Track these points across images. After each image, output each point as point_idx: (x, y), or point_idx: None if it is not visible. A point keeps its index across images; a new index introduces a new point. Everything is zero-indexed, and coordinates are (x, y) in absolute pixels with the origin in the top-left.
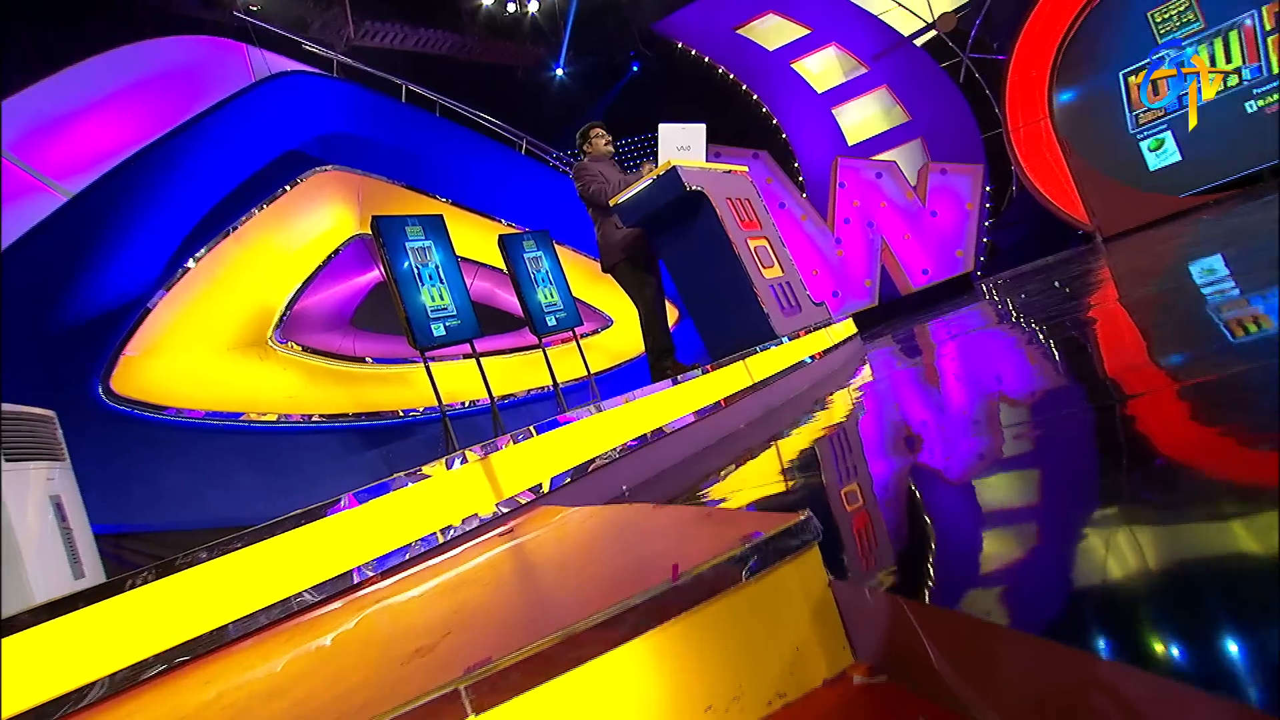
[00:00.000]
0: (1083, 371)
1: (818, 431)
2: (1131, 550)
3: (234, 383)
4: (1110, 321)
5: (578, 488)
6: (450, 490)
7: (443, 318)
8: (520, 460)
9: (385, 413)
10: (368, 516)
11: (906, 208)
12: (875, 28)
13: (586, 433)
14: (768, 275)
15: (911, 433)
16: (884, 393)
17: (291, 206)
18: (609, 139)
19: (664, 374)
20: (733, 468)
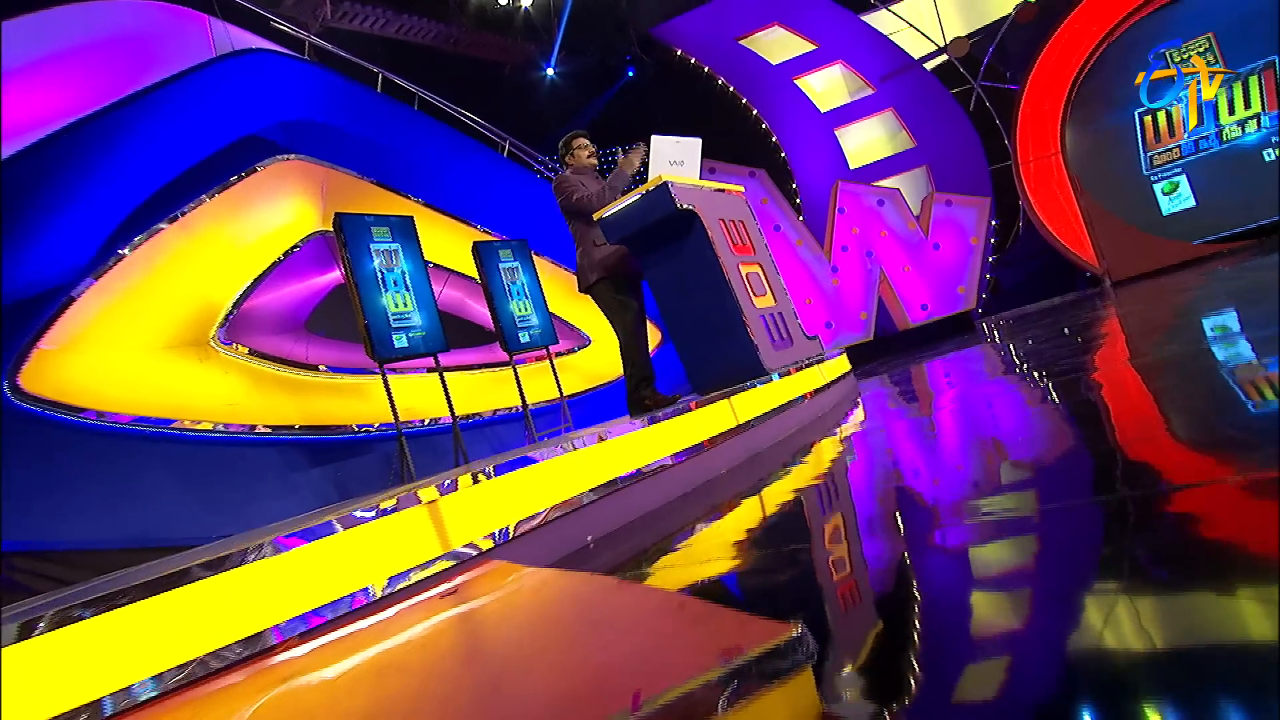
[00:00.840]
0: (1105, 451)
1: (805, 482)
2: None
3: (167, 385)
4: (1126, 387)
5: (538, 536)
6: (392, 536)
7: (406, 328)
8: (475, 502)
9: (337, 427)
10: (292, 564)
11: (908, 238)
12: (884, 48)
13: (553, 474)
14: (759, 304)
15: (910, 505)
16: (878, 447)
17: (247, 196)
18: (593, 151)
19: (642, 404)
20: (709, 523)
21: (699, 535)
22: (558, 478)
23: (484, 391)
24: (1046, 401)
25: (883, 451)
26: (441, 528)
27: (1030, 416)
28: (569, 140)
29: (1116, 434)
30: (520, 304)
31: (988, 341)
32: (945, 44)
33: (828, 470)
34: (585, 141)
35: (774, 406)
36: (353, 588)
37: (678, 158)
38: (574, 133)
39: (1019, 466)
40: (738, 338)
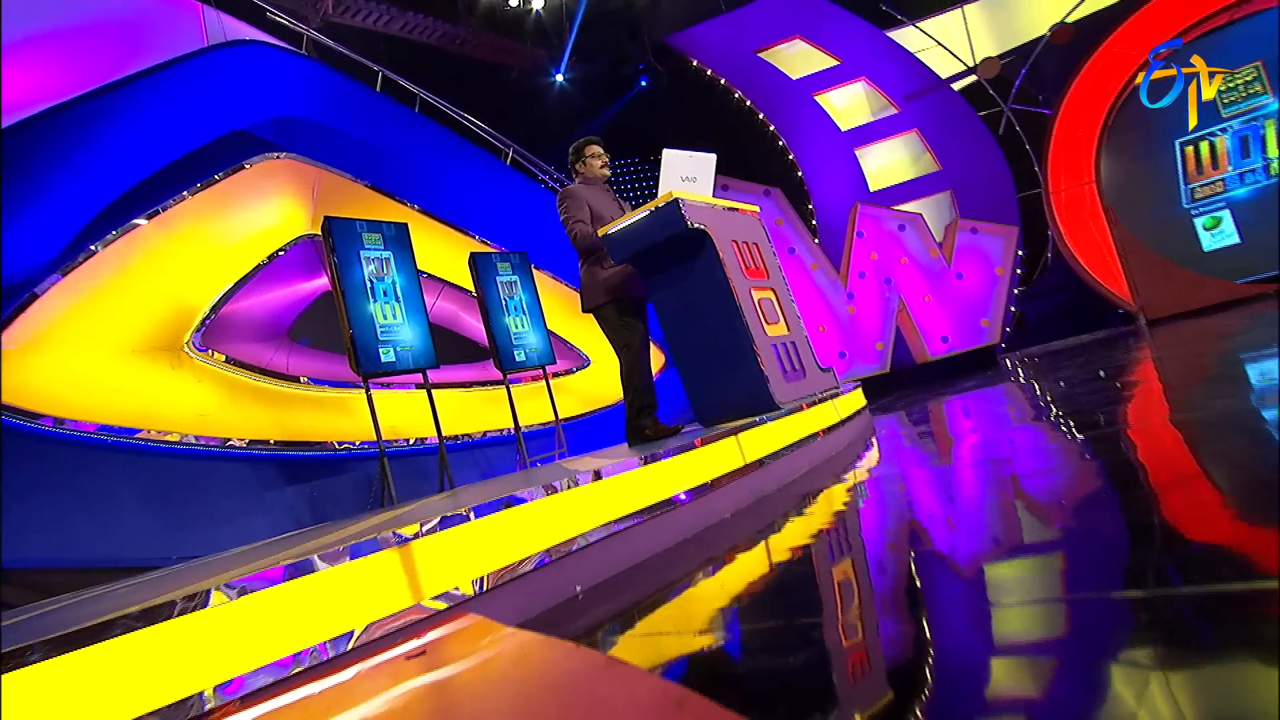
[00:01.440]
0: (1148, 524)
1: (816, 535)
2: None
3: (134, 392)
4: (1169, 451)
5: (523, 584)
6: (354, 583)
7: (394, 341)
8: (452, 546)
9: (316, 443)
10: (233, 615)
11: (929, 266)
12: (910, 66)
13: (541, 515)
14: (771, 333)
15: (935, 579)
16: (895, 500)
17: (232, 194)
18: (605, 160)
19: (642, 434)
20: (711, 575)
21: (700, 591)
22: (547, 520)
23: (475, 411)
24: (1082, 461)
25: (900, 505)
26: (413, 574)
27: (1064, 479)
28: (581, 147)
29: (1161, 507)
30: (517, 320)
31: (1012, 380)
32: (975, 64)
33: (840, 523)
34: (598, 150)
35: (784, 445)
36: (305, 644)
37: (690, 173)
38: (587, 139)
39: (1051, 538)
40: (747, 368)
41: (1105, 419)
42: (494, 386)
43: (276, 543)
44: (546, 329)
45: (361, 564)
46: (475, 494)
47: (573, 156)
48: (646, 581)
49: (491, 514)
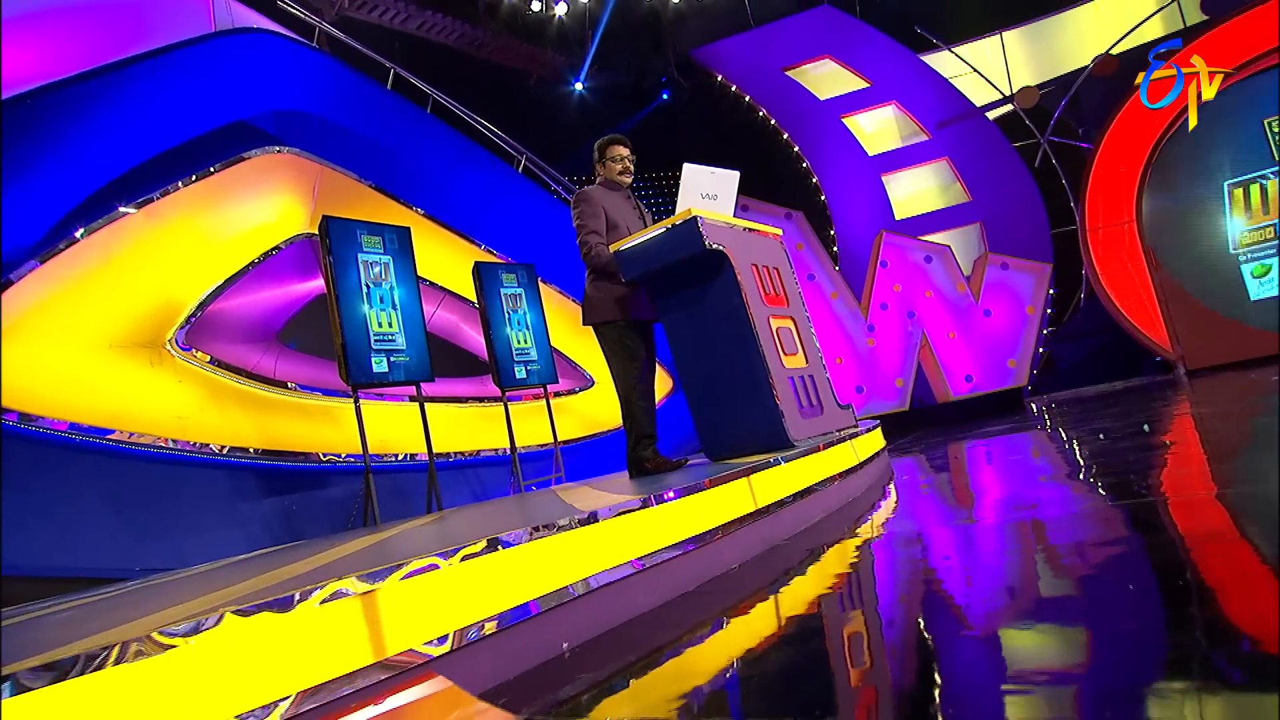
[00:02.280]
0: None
1: (829, 596)
2: None
3: (109, 389)
4: (1219, 536)
5: (503, 639)
6: (304, 634)
7: (388, 350)
8: (423, 596)
9: (300, 453)
10: (173, 667)
11: (956, 301)
12: (944, 92)
13: (529, 561)
14: (788, 365)
15: (959, 674)
16: (913, 565)
17: (228, 187)
18: (629, 165)
19: (641, 466)
20: (710, 638)
21: (700, 657)
22: (533, 565)
23: (469, 428)
24: (1121, 535)
25: (919, 571)
26: (376, 627)
27: (1100, 554)
28: (605, 145)
29: (1213, 597)
30: (520, 335)
31: (1040, 428)
32: (1012, 93)
33: (854, 590)
34: (624, 151)
35: (799, 489)
36: (240, 709)
37: (711, 190)
38: (612, 137)
39: (1084, 625)
40: (761, 401)
41: (1144, 484)
42: (491, 403)
43: (242, 563)
44: (550, 346)
45: (314, 612)
46: (462, 520)
47: (596, 154)
48: (639, 641)
49: (469, 558)
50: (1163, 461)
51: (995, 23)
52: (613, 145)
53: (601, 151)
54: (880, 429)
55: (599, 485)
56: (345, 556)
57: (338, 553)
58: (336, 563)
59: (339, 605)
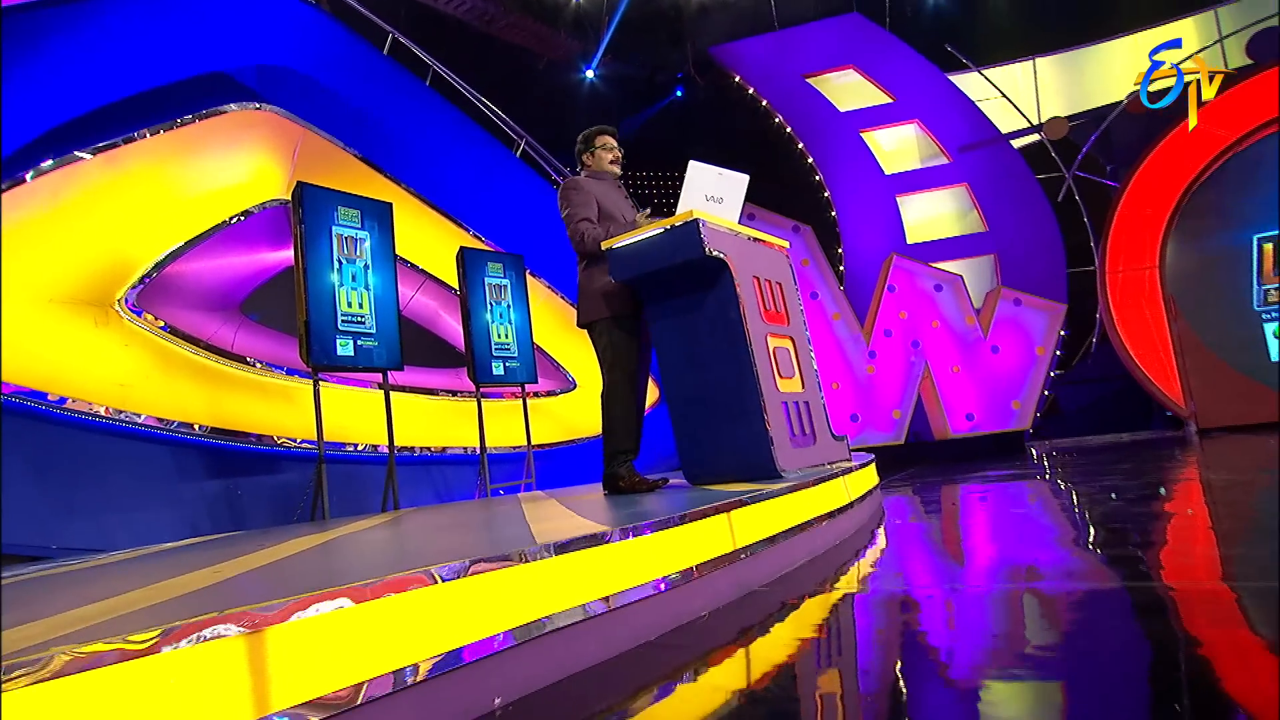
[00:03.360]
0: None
1: (800, 646)
2: None
3: (45, 348)
4: (1234, 634)
5: (424, 694)
6: (177, 684)
7: (356, 333)
8: (332, 636)
9: (252, 435)
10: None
11: (963, 334)
12: (969, 115)
13: (468, 598)
14: (783, 389)
15: None
16: (903, 630)
17: (200, 141)
18: (618, 155)
19: (615, 483)
20: (664, 700)
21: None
22: (471, 604)
23: (438, 423)
24: (1120, 626)
25: (897, 640)
26: (261, 676)
27: (1095, 647)
28: (591, 136)
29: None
30: (501, 329)
31: (1042, 479)
32: (1040, 122)
33: (828, 653)
34: (611, 141)
35: (783, 529)
36: None
37: (717, 193)
38: (599, 128)
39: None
40: (750, 426)
41: (1149, 563)
42: (464, 398)
43: (157, 556)
44: (533, 343)
45: (195, 653)
46: (412, 527)
47: (581, 145)
48: (586, 699)
49: (398, 592)
50: (1171, 536)
51: (1029, 48)
52: (599, 135)
53: (588, 141)
54: (874, 464)
55: (567, 498)
56: (256, 570)
57: (261, 558)
58: (238, 579)
59: (214, 648)
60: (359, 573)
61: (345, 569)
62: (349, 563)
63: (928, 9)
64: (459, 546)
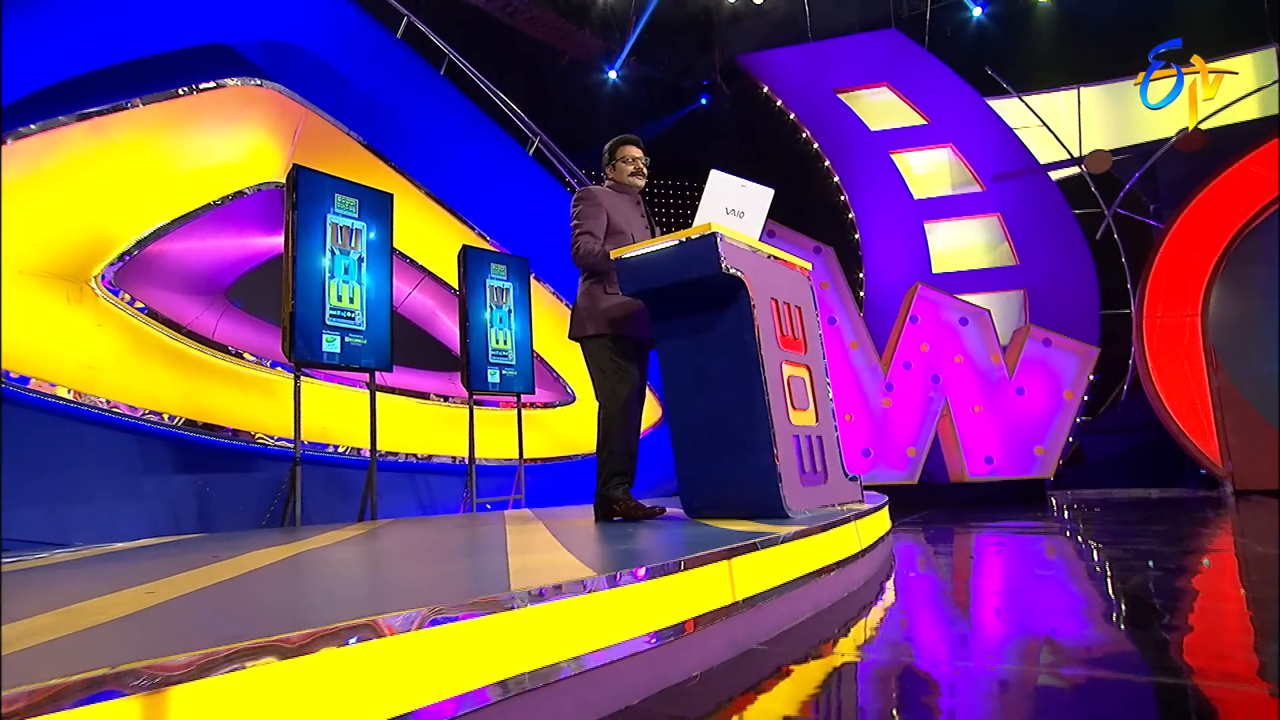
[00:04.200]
0: None
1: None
2: None
3: (12, 323)
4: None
5: None
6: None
7: (344, 328)
8: (258, 698)
9: (228, 429)
10: None
11: (987, 372)
12: (1006, 142)
13: (425, 651)
14: (795, 421)
15: None
16: (897, 698)
17: (194, 114)
18: (641, 167)
19: (609, 509)
20: None
21: None
22: (427, 659)
23: (427, 429)
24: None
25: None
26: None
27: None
28: (616, 146)
29: None
30: (500, 334)
31: (1066, 534)
32: (1082, 155)
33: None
34: (636, 152)
35: (788, 580)
36: None
37: (738, 205)
38: (623, 138)
39: None
40: (758, 459)
41: (1181, 652)
42: (456, 404)
43: (96, 561)
44: (533, 351)
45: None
46: (385, 543)
47: (605, 156)
48: None
49: (323, 647)
50: (1205, 620)
51: (1074, 76)
52: (624, 145)
53: (611, 153)
54: (888, 508)
55: (556, 523)
56: (192, 594)
57: (204, 576)
58: (161, 612)
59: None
60: (301, 613)
61: (288, 604)
62: (295, 595)
63: (969, 29)
64: (424, 581)
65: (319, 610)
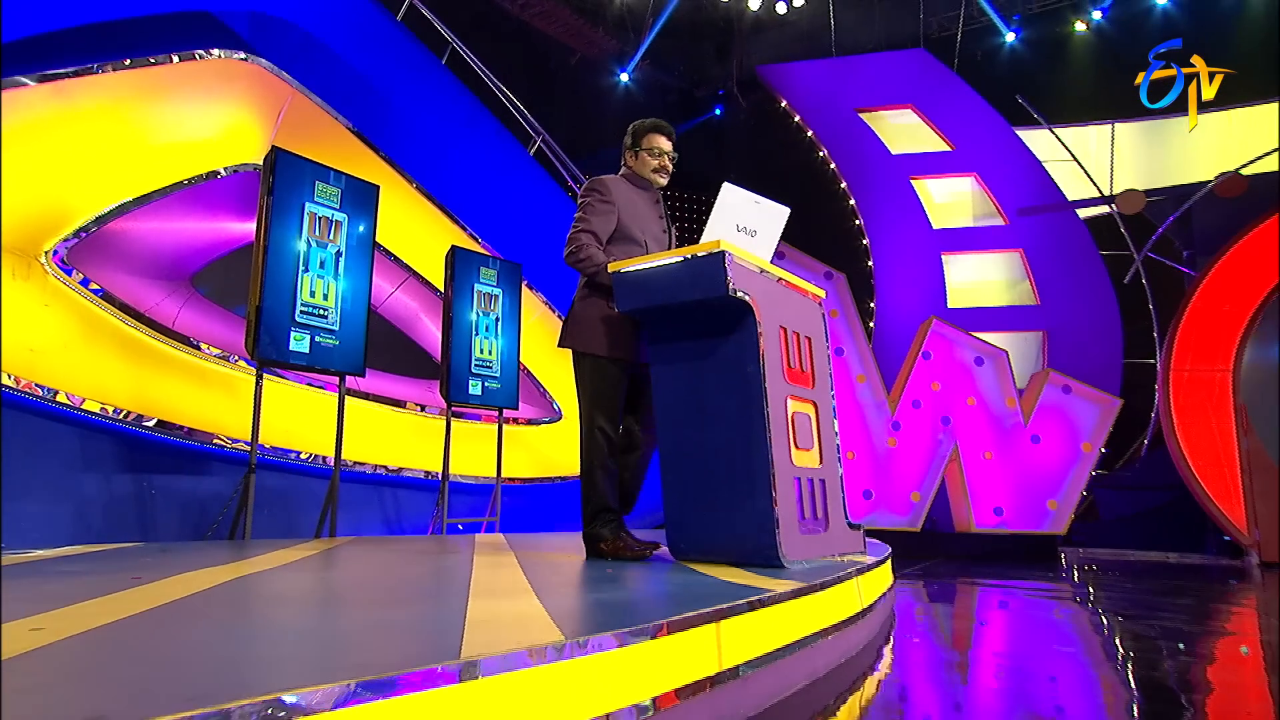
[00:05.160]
0: None
1: None
2: None
3: None
4: None
5: None
6: None
7: (314, 327)
8: None
9: (183, 429)
10: None
11: (1001, 417)
12: (1034, 175)
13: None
14: (798, 463)
15: None
16: None
17: (171, 85)
18: (666, 163)
19: (596, 546)
20: None
21: None
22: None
23: (400, 439)
24: None
25: None
26: None
27: None
28: (643, 131)
29: None
30: (485, 343)
31: (1081, 600)
32: (1114, 194)
33: None
34: (666, 144)
35: (782, 645)
36: None
37: (751, 224)
38: (657, 123)
39: None
40: (755, 502)
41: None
42: (434, 415)
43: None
44: (519, 363)
45: None
46: (334, 575)
47: (629, 139)
48: None
49: None
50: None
51: (1110, 110)
52: (654, 133)
53: (636, 137)
54: (890, 561)
55: (529, 557)
56: (76, 637)
57: (107, 608)
58: (24, 662)
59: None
60: (196, 677)
61: (186, 660)
62: (199, 648)
63: (1000, 54)
64: (362, 634)
65: (221, 674)
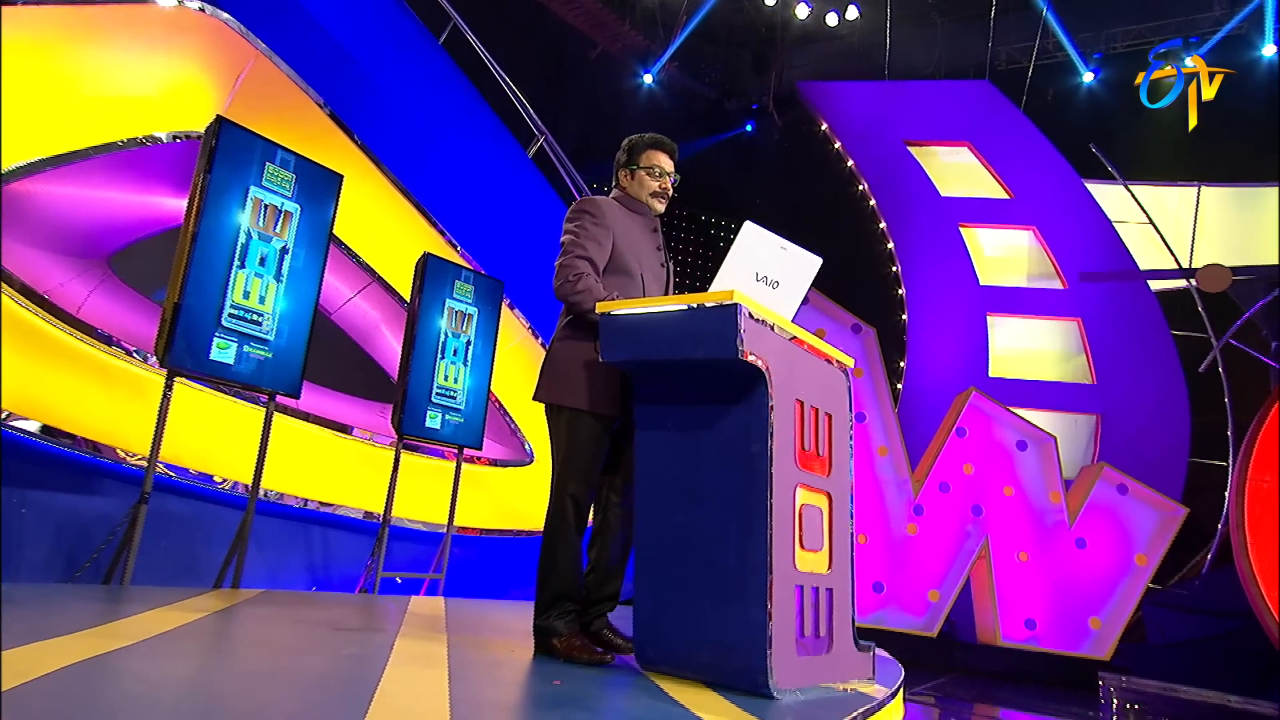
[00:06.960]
0: None
1: None
2: None
3: None
4: None
5: None
6: None
7: (245, 334)
8: None
9: (74, 437)
10: None
11: (1042, 514)
12: (1101, 236)
13: None
14: (803, 567)
15: None
16: None
17: (108, 29)
18: (666, 185)
19: (546, 643)
20: None
21: None
22: None
23: (339, 470)
24: None
25: None
26: None
27: None
28: (640, 147)
29: None
30: (453, 370)
31: None
32: (1194, 267)
33: None
34: (668, 164)
35: None
36: None
37: (774, 273)
38: (656, 139)
39: None
40: (746, 610)
41: None
42: (383, 444)
43: None
44: (489, 394)
45: None
46: (226, 643)
47: (623, 156)
48: None
49: None
50: None
51: (1196, 171)
52: (654, 149)
53: (634, 153)
54: (903, 690)
55: (467, 641)
56: None
57: None
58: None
59: None
60: None
61: None
62: None
63: (1076, 96)
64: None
65: None
